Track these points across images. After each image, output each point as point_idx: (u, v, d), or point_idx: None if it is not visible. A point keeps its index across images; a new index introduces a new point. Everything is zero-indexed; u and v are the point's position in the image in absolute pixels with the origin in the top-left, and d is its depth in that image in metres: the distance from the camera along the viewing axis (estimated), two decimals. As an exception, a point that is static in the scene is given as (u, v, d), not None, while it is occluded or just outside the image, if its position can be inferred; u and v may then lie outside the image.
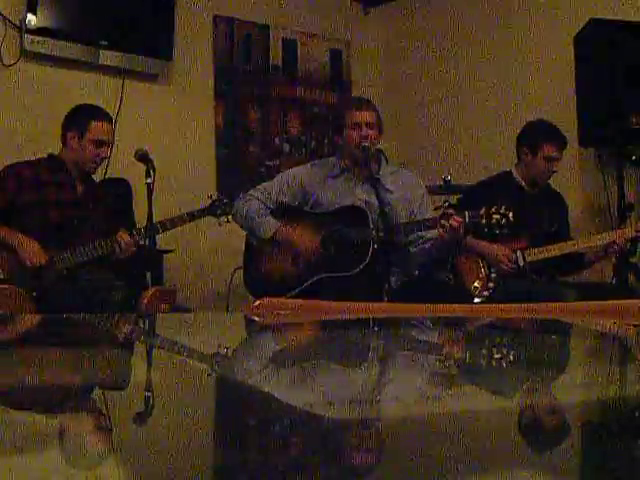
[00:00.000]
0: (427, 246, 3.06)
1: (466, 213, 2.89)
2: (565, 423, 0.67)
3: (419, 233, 3.04)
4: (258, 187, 3.23)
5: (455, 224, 2.83)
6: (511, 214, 2.84)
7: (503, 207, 2.85)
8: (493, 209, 2.86)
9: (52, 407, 0.72)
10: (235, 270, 3.80)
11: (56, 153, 3.17)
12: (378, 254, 2.92)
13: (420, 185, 3.25)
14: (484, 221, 2.87)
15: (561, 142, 3.44)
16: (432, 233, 3.00)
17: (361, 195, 3.09)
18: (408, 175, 3.26)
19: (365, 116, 3.08)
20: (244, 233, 3.30)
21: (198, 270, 4.35)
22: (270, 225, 3.09)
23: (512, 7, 4.56)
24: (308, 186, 3.16)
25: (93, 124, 3.08)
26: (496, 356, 1.16)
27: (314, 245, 3.04)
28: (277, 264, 3.11)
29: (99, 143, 3.09)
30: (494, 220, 2.85)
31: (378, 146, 3.24)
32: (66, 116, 3.16)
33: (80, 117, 3.12)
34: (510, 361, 1.10)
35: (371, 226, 2.94)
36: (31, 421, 0.65)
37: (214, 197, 3.26)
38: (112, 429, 0.62)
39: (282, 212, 3.15)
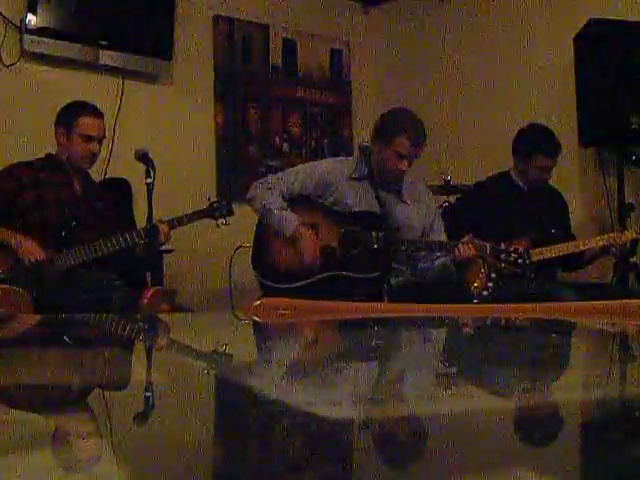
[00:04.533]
0: (436, 266, 3.10)
1: (487, 246, 2.93)
2: (565, 423, 0.67)
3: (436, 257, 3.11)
4: (278, 175, 3.21)
5: (471, 253, 2.89)
6: (529, 258, 2.91)
7: (523, 250, 2.91)
8: (512, 248, 2.92)
9: (51, 407, 0.72)
10: (237, 249, 3.72)
11: (54, 153, 3.17)
12: (386, 259, 2.95)
13: (432, 199, 3.34)
14: (503, 256, 2.93)
15: (553, 151, 3.43)
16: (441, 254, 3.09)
17: (381, 203, 3.08)
18: (422, 189, 3.32)
19: (417, 152, 3.07)
20: (243, 232, 3.29)
21: (198, 270, 4.35)
22: (291, 222, 3.06)
23: (512, 7, 4.55)
24: (330, 181, 3.15)
25: (80, 120, 3.08)
26: (496, 356, 1.16)
27: (329, 248, 3.04)
28: (290, 253, 3.10)
29: (87, 138, 3.08)
30: (512, 258, 2.91)
31: None
32: (56, 115, 3.16)
33: (68, 114, 3.12)
34: (510, 361, 1.10)
35: (387, 234, 2.95)
36: (31, 421, 0.64)
37: (212, 199, 3.25)
38: (111, 429, 0.62)
39: (302, 203, 3.14)
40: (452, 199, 3.90)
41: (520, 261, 2.92)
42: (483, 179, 3.71)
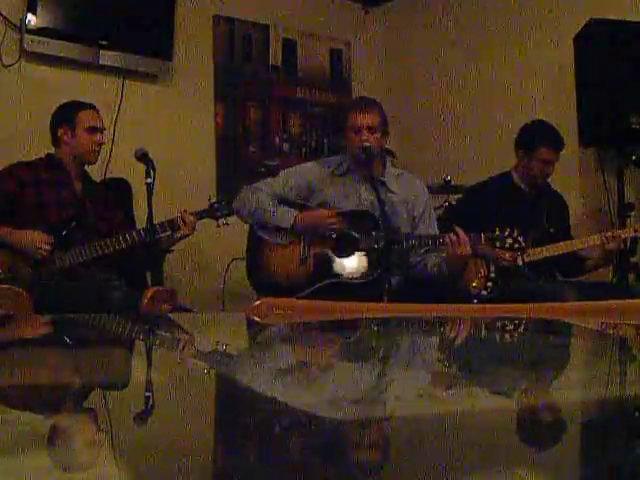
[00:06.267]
0: (435, 269, 3.06)
1: (482, 235, 2.90)
2: (565, 423, 0.67)
3: (424, 250, 3.04)
4: (263, 181, 3.18)
5: (466, 249, 2.85)
6: (522, 239, 2.88)
7: (516, 232, 2.89)
8: (507, 232, 2.89)
9: (51, 407, 0.72)
10: (232, 261, 3.76)
11: (54, 153, 3.17)
12: (382, 257, 2.91)
13: (424, 191, 3.24)
14: (498, 244, 2.90)
15: (557, 144, 3.44)
16: (435, 256, 3.02)
17: (365, 195, 3.07)
18: (413, 179, 3.24)
19: (367, 119, 3.01)
20: (244, 232, 3.29)
21: (198, 270, 4.35)
22: (289, 213, 3.02)
23: (512, 7, 4.55)
24: (313, 183, 3.12)
25: (81, 113, 3.13)
26: (496, 356, 1.16)
27: (335, 221, 2.98)
28: (285, 263, 3.05)
29: (92, 130, 3.13)
30: (507, 244, 2.88)
31: (386, 146, 3.24)
32: (52, 117, 3.17)
33: (66, 112, 3.14)
34: (510, 361, 1.10)
35: (380, 232, 2.92)
36: (31, 421, 0.65)
37: (213, 199, 3.26)
38: (112, 429, 0.62)
39: (289, 207, 3.12)
40: (452, 199, 3.90)
41: (516, 246, 2.90)
42: (483, 179, 3.71)
